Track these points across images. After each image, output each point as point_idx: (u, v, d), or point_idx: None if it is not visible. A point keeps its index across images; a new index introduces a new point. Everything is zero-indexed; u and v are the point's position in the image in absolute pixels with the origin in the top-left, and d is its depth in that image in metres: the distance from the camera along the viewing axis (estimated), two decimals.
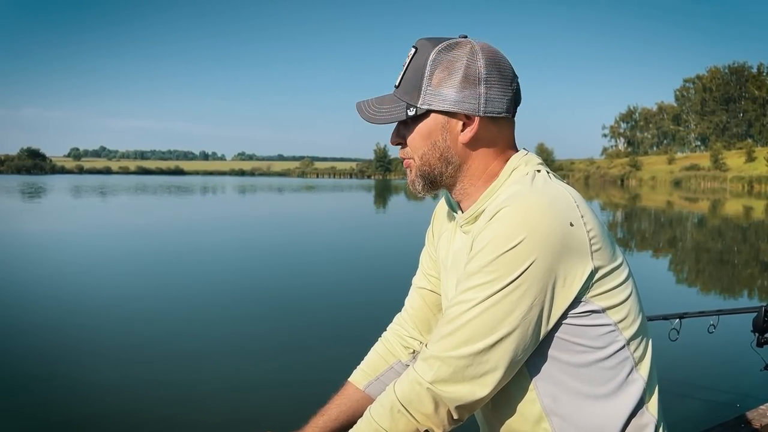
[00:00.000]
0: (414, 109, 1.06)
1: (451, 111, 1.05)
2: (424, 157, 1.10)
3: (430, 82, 1.05)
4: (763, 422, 2.27)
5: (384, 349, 1.36)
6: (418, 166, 1.11)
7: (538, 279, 0.93)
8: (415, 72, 1.06)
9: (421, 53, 1.06)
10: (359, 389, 1.31)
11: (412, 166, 1.12)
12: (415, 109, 1.06)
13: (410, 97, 1.07)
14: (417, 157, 1.10)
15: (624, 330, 1.01)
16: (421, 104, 1.06)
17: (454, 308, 0.98)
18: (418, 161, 1.10)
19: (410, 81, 1.07)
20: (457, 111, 1.05)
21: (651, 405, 1.04)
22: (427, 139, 1.08)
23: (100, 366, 4.78)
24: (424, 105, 1.06)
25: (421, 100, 1.06)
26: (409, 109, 1.06)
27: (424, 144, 1.09)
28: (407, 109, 1.07)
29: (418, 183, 1.12)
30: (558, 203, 0.97)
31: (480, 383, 0.96)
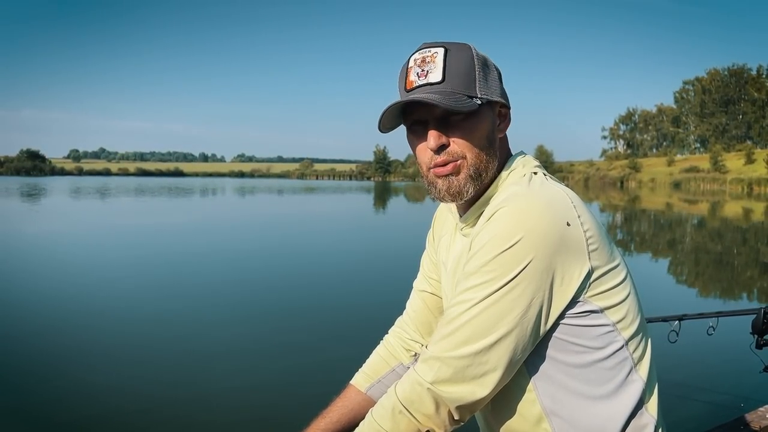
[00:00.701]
0: (478, 99, 1.04)
1: (498, 102, 1.08)
2: (481, 153, 1.06)
3: (482, 75, 1.06)
4: (763, 424, 2.28)
5: (386, 352, 1.36)
6: (472, 164, 1.06)
7: (535, 278, 0.94)
8: (462, 66, 1.04)
9: (457, 51, 1.05)
10: (361, 392, 1.32)
11: (462, 168, 1.06)
12: (479, 99, 1.04)
13: (465, 88, 1.03)
14: (473, 155, 1.06)
15: (623, 330, 1.01)
16: (480, 95, 1.04)
17: (453, 309, 0.99)
18: (473, 159, 1.06)
19: (459, 74, 1.04)
20: (502, 102, 1.09)
21: (650, 405, 1.05)
22: (485, 132, 1.07)
23: (103, 367, 4.77)
24: (483, 96, 1.05)
25: (479, 92, 1.04)
26: (474, 99, 1.03)
27: (482, 138, 1.06)
28: (473, 99, 1.03)
29: (469, 185, 1.06)
30: (555, 203, 0.98)
31: (480, 383, 0.96)
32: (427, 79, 1.04)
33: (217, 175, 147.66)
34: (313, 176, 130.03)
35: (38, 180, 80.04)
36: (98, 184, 64.95)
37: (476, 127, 1.05)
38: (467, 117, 1.04)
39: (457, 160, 1.05)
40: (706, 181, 69.91)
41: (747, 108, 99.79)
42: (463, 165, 1.06)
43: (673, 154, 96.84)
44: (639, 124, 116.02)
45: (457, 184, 1.06)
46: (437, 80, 1.03)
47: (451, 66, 1.04)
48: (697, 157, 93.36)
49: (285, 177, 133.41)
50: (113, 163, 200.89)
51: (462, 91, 1.03)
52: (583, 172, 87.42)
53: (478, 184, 1.07)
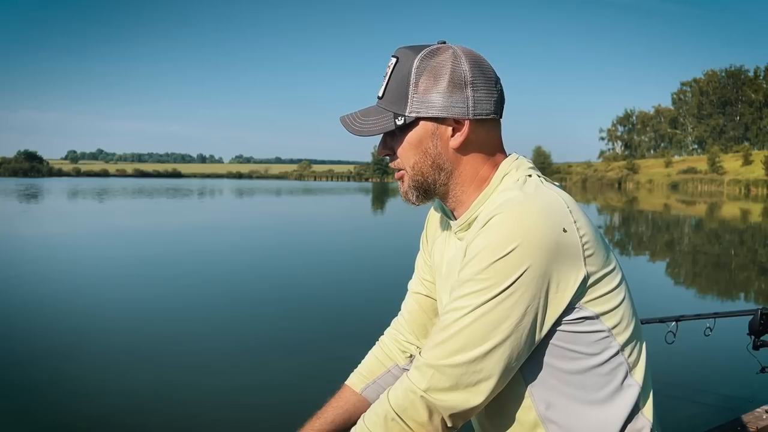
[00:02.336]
0: (402, 118, 1.05)
1: (440, 117, 1.05)
2: (415, 167, 1.08)
3: (417, 89, 1.04)
4: (760, 425, 2.28)
5: (381, 353, 1.36)
6: (411, 176, 1.10)
7: (531, 286, 0.93)
8: (399, 81, 1.05)
9: (403, 62, 1.05)
10: (356, 392, 1.31)
11: (404, 177, 1.11)
12: (403, 118, 1.05)
13: (397, 106, 1.05)
14: (408, 167, 1.09)
15: (618, 336, 1.01)
16: (409, 112, 1.04)
17: (447, 316, 0.98)
18: (410, 171, 1.09)
19: (395, 90, 1.06)
20: (446, 116, 1.05)
21: (646, 410, 1.05)
22: (417, 147, 1.07)
23: (103, 367, 4.76)
24: (412, 113, 1.04)
25: (409, 109, 1.05)
26: (397, 118, 1.05)
27: (414, 153, 1.08)
28: (395, 119, 1.05)
29: (411, 194, 1.12)
30: (551, 209, 0.97)
31: (474, 391, 0.95)
32: (379, 92, 1.09)
33: (215, 176, 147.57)
34: (311, 177, 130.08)
35: (35, 181, 79.93)
36: (96, 185, 64.89)
37: (406, 142, 1.07)
38: (401, 132, 1.07)
39: (400, 170, 1.12)
40: (704, 182, 70.01)
41: (744, 109, 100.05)
42: (405, 175, 1.11)
43: (670, 156, 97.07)
44: (637, 125, 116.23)
45: (404, 191, 1.13)
46: (380, 95, 1.09)
47: (392, 80, 1.06)
48: (695, 158, 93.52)
49: (283, 178, 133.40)
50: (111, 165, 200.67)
51: (392, 108, 1.05)
52: (580, 173, 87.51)
53: (423, 194, 1.11)
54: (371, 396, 1.30)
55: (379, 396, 1.28)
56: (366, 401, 1.29)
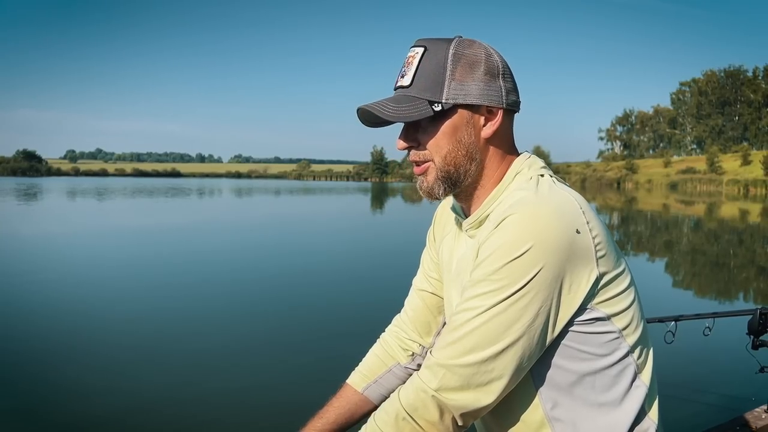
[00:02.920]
0: (439, 104, 1.02)
1: (476, 104, 1.04)
2: (448, 156, 1.05)
3: (453, 76, 1.03)
4: (759, 425, 2.28)
5: (383, 352, 1.35)
6: (440, 167, 1.06)
7: (544, 287, 0.93)
8: (432, 69, 1.03)
9: (434, 50, 1.03)
10: (357, 391, 1.31)
11: (430, 169, 1.07)
12: (440, 105, 1.02)
13: (431, 93, 1.02)
14: (439, 158, 1.06)
15: (627, 337, 1.01)
16: (446, 99, 1.03)
17: (459, 315, 0.98)
18: (440, 162, 1.06)
19: (428, 77, 1.03)
20: (482, 104, 1.04)
21: (652, 412, 1.05)
22: (452, 136, 1.05)
23: (102, 367, 4.76)
24: (449, 100, 1.03)
25: (446, 95, 1.02)
26: (434, 105, 1.02)
27: (448, 142, 1.05)
28: (432, 106, 1.03)
29: (438, 186, 1.07)
30: (564, 210, 0.97)
31: (485, 391, 0.95)
32: (402, 81, 1.05)
33: (214, 175, 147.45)
34: (310, 177, 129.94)
35: (34, 181, 79.82)
36: (95, 185, 64.80)
37: (444, 130, 1.04)
38: (433, 120, 1.04)
39: (426, 162, 1.07)
40: (703, 182, 69.96)
41: (743, 109, 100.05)
42: (431, 167, 1.07)
43: (669, 156, 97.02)
44: (636, 125, 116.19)
45: (427, 185, 1.08)
46: (407, 84, 1.04)
47: (423, 68, 1.03)
48: (694, 158, 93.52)
49: (282, 178, 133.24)
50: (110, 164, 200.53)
51: (425, 95, 1.02)
52: (579, 173, 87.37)
53: (450, 186, 1.07)
54: (373, 395, 1.29)
55: (380, 395, 1.28)
56: (368, 400, 1.29)
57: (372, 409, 1.28)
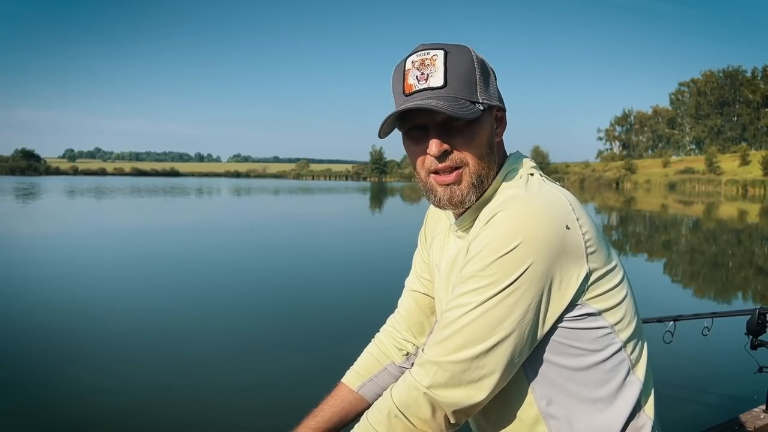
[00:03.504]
0: (480, 105, 1.02)
1: (498, 106, 1.07)
2: (483, 160, 1.04)
3: (481, 79, 1.04)
4: (757, 425, 2.28)
5: (377, 351, 1.35)
6: (474, 172, 1.03)
7: (534, 283, 0.93)
8: (462, 71, 1.02)
9: (457, 54, 1.02)
10: (352, 390, 1.31)
11: (464, 175, 1.04)
12: (480, 105, 1.02)
13: (468, 94, 1.01)
14: (474, 162, 1.03)
15: (620, 332, 1.01)
16: (481, 100, 1.02)
17: (450, 312, 0.97)
18: (474, 166, 1.03)
19: (461, 79, 1.01)
20: (500, 106, 1.08)
21: (648, 407, 1.04)
22: (486, 138, 1.05)
23: (102, 366, 4.76)
24: (484, 101, 1.03)
25: (480, 97, 1.03)
26: (477, 105, 1.01)
27: (482, 144, 1.04)
28: (476, 105, 1.01)
29: (471, 194, 1.04)
30: (554, 206, 0.97)
31: (477, 387, 0.95)
32: (428, 83, 1.01)
33: (213, 175, 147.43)
34: (309, 177, 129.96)
35: (33, 180, 79.75)
36: (94, 184, 64.78)
37: (478, 134, 1.03)
38: (469, 123, 1.01)
39: (460, 168, 1.03)
40: (701, 182, 69.98)
41: (742, 110, 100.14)
42: (465, 173, 1.04)
43: (668, 156, 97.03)
44: (634, 125, 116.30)
45: (459, 193, 1.04)
46: (439, 84, 1.00)
47: (453, 70, 1.01)
48: (693, 158, 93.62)
49: (281, 177, 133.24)
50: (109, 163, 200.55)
51: (464, 96, 1.00)
52: (578, 173, 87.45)
53: (480, 192, 1.06)
54: (367, 394, 1.29)
55: (375, 394, 1.28)
56: (362, 399, 1.29)
57: (366, 407, 1.28)
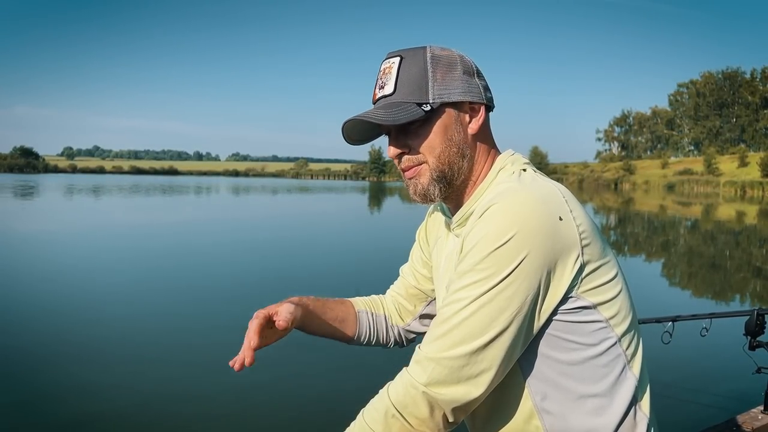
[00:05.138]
0: (428, 105, 1.05)
1: (461, 101, 1.07)
2: (442, 156, 1.07)
3: (435, 77, 1.06)
4: (755, 425, 2.28)
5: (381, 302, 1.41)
6: (434, 168, 1.08)
7: (530, 274, 0.93)
8: (413, 74, 1.06)
9: (411, 58, 1.07)
10: (353, 308, 1.36)
11: (424, 171, 1.09)
12: (429, 105, 1.05)
13: (417, 96, 1.05)
14: (433, 159, 1.07)
15: (616, 327, 1.01)
16: (432, 99, 1.05)
17: (446, 308, 0.97)
18: (434, 162, 1.08)
19: (411, 83, 1.06)
20: (466, 100, 1.08)
21: (643, 403, 1.04)
22: (443, 135, 1.07)
23: (101, 366, 4.76)
24: (436, 99, 1.05)
25: (431, 96, 1.05)
26: (423, 105, 1.05)
27: (441, 141, 1.07)
28: (421, 107, 1.05)
29: (433, 187, 1.09)
30: (547, 198, 0.97)
31: (475, 383, 0.95)
32: (383, 91, 1.08)
33: (212, 173, 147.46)
34: (307, 176, 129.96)
35: (31, 177, 79.66)
36: (92, 182, 64.71)
37: (432, 132, 1.06)
38: (423, 123, 1.06)
39: (419, 165, 1.09)
40: (700, 183, 70.03)
41: (741, 111, 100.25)
42: (425, 169, 1.08)
43: (667, 157, 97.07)
44: (633, 126, 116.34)
45: (421, 187, 1.09)
46: (389, 92, 1.07)
47: (403, 75, 1.06)
48: (691, 159, 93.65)
49: (280, 176, 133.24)
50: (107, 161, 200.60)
51: (411, 99, 1.05)
52: (577, 173, 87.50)
53: (445, 185, 1.09)
54: (362, 320, 1.35)
55: (368, 324, 1.35)
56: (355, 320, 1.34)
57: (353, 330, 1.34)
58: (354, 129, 1.10)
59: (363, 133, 1.13)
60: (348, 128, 1.10)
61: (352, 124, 1.08)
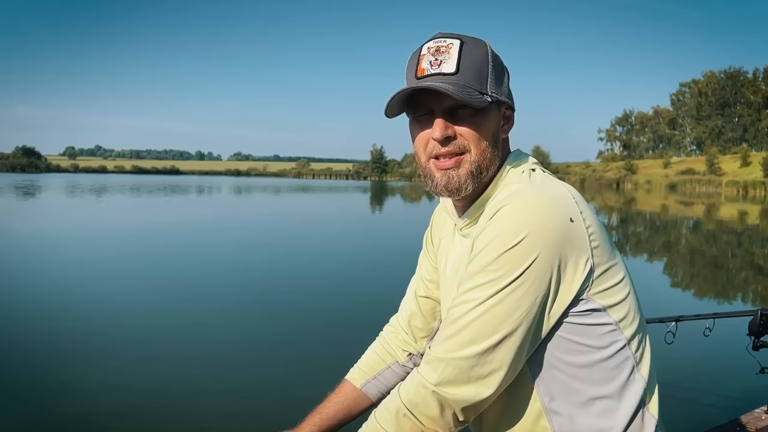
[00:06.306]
0: (489, 96, 1.03)
1: (507, 102, 1.08)
2: (486, 151, 1.05)
3: (494, 73, 1.05)
4: (759, 425, 2.28)
5: (381, 349, 1.36)
6: (475, 161, 1.04)
7: (540, 276, 0.93)
8: (475, 62, 1.03)
9: (473, 46, 1.04)
10: (356, 387, 1.31)
11: (464, 161, 1.04)
12: (490, 97, 1.03)
13: (478, 84, 1.02)
14: (477, 150, 1.04)
15: (624, 329, 1.01)
16: (491, 92, 1.03)
17: (457, 308, 0.97)
18: (476, 155, 1.04)
19: (473, 69, 1.02)
20: (509, 103, 1.09)
21: (651, 405, 1.04)
22: (491, 130, 1.06)
23: (102, 365, 4.75)
24: (494, 94, 1.04)
25: (490, 89, 1.04)
26: (485, 96, 1.02)
27: (487, 136, 1.05)
28: (484, 96, 1.02)
29: (469, 181, 1.05)
30: (558, 199, 0.97)
31: (485, 383, 0.95)
32: (440, 68, 1.02)
33: (214, 173, 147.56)
34: (309, 175, 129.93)
35: (33, 177, 79.77)
36: (94, 182, 64.77)
37: (483, 124, 1.04)
38: (476, 112, 1.03)
39: (462, 154, 1.04)
40: (702, 183, 69.87)
41: (743, 111, 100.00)
42: (466, 159, 1.04)
43: (669, 157, 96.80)
44: (635, 125, 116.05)
45: (457, 179, 1.05)
46: (451, 71, 1.01)
47: (466, 59, 1.02)
48: (693, 159, 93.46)
49: (281, 176, 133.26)
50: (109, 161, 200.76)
51: (474, 86, 1.02)
52: (579, 173, 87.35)
53: (478, 182, 1.06)
54: (371, 392, 1.30)
55: (379, 392, 1.29)
56: (366, 396, 1.30)
57: (369, 405, 1.29)
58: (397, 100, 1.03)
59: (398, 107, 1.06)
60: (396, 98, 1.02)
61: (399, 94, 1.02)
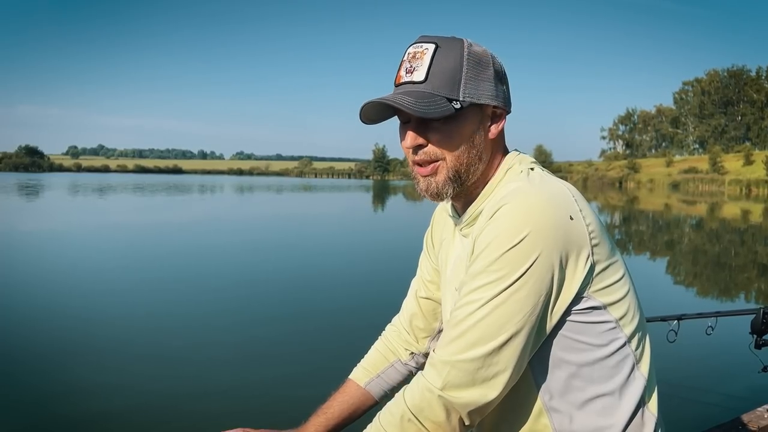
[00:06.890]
0: (458, 102, 1.00)
1: (489, 104, 1.04)
2: (461, 157, 1.03)
3: (468, 75, 1.02)
4: (761, 424, 2.28)
5: (384, 348, 1.36)
6: (452, 167, 1.04)
7: (543, 274, 0.93)
8: (447, 66, 1.01)
9: (448, 48, 1.02)
10: (360, 386, 1.31)
11: (440, 168, 1.04)
12: (459, 103, 1.00)
13: (448, 90, 1.00)
14: (452, 158, 1.03)
15: (624, 327, 1.01)
16: (463, 98, 1.01)
17: (460, 310, 0.97)
18: (452, 162, 1.04)
19: (444, 75, 1.01)
20: (493, 104, 1.05)
21: (651, 404, 1.04)
22: (466, 136, 1.03)
23: (102, 365, 4.76)
24: (466, 98, 1.01)
25: (462, 94, 1.01)
26: (453, 102, 1.00)
27: (462, 141, 1.03)
28: (451, 103, 1.00)
29: (448, 186, 1.04)
30: (557, 197, 0.97)
31: (491, 385, 0.94)
32: (412, 76, 1.02)
33: (216, 172, 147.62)
34: (311, 174, 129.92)
35: (36, 176, 79.88)
36: (97, 181, 64.84)
37: (456, 130, 1.02)
38: (447, 119, 1.01)
39: (436, 161, 1.04)
40: (705, 182, 69.66)
41: (746, 109, 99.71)
42: (442, 166, 1.04)
43: (671, 155, 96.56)
44: (638, 124, 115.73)
45: (435, 185, 1.05)
46: (420, 80, 1.01)
47: (437, 65, 1.01)
48: (696, 158, 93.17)
49: (284, 175, 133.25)
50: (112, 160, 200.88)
51: (443, 92, 1.00)
52: (581, 172, 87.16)
53: (458, 186, 1.06)
54: (375, 390, 1.30)
55: (382, 390, 1.29)
56: (370, 395, 1.30)
57: (374, 403, 1.30)
58: (372, 109, 1.04)
59: (378, 114, 1.07)
60: (367, 108, 1.04)
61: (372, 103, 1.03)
